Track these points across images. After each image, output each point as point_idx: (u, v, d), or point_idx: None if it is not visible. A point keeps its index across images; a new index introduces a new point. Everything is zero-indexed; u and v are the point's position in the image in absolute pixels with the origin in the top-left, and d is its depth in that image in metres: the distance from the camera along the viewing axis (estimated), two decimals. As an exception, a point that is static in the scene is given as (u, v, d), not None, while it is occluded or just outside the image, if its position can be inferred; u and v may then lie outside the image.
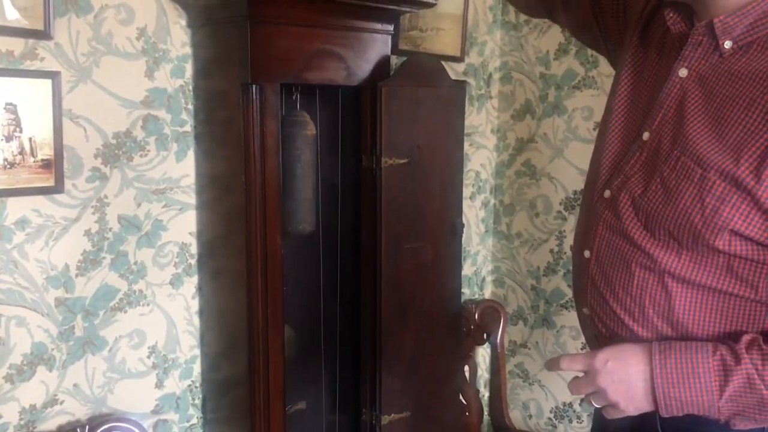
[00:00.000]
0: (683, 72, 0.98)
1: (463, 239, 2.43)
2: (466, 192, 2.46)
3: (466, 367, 2.33)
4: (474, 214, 2.51)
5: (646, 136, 1.01)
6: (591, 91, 2.26)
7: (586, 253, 1.08)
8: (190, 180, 1.71)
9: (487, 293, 2.60)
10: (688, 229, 0.90)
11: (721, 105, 0.91)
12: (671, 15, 1.00)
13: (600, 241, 1.04)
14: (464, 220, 2.45)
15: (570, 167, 2.34)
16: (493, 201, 2.57)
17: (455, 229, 1.95)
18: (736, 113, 0.89)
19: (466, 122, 2.39)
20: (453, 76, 2.31)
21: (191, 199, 1.72)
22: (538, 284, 2.46)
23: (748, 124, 0.87)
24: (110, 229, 1.59)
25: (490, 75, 2.47)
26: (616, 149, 1.08)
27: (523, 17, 2.40)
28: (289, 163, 1.68)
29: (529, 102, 2.42)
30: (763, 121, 0.86)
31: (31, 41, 1.42)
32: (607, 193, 1.05)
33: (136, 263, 1.65)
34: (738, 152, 0.86)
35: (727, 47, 0.93)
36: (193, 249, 1.74)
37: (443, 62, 2.27)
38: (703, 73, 0.95)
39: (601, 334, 1.06)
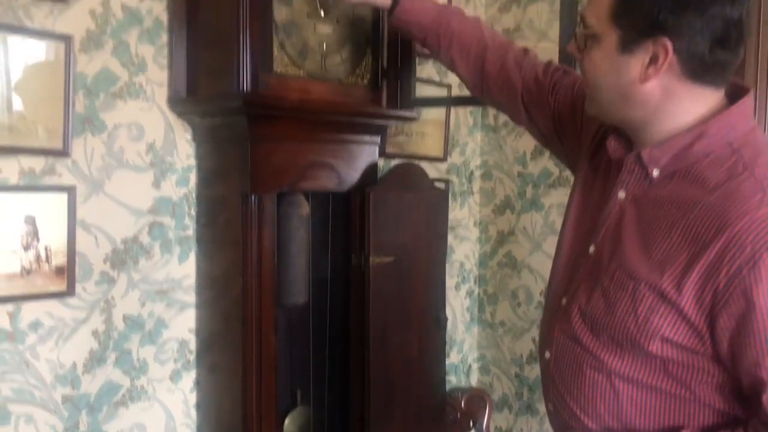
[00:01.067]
0: (621, 194, 1.10)
1: (449, 328, 2.54)
2: (451, 282, 2.58)
3: (454, 455, 2.40)
4: (459, 303, 2.63)
5: (591, 249, 1.13)
6: (565, 189, 2.42)
7: (547, 354, 1.19)
8: (191, 280, 1.83)
9: (474, 381, 2.69)
10: (625, 335, 1.02)
11: (650, 225, 1.04)
12: (612, 143, 1.13)
13: (557, 344, 1.16)
14: (450, 309, 2.57)
15: (548, 260, 2.43)
16: (477, 290, 2.69)
17: (439, 322, 2.07)
18: (661, 234, 1.01)
19: (450, 216, 2.55)
20: (437, 175, 2.49)
21: (191, 298, 1.83)
22: (521, 372, 2.55)
23: (670, 243, 0.99)
24: (116, 329, 1.70)
25: (472, 173, 2.64)
26: (568, 259, 1.21)
27: (501, 120, 2.59)
28: (284, 240, 1.80)
29: (509, 198, 2.59)
30: (682, 242, 0.97)
31: (51, 159, 1.57)
32: (563, 301, 1.17)
33: (138, 360, 1.75)
34: (662, 268, 0.98)
35: (655, 175, 1.05)
36: (192, 345, 1.85)
37: (428, 162, 2.45)
38: (637, 196, 1.08)
39: (565, 428, 1.17)
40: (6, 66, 1.48)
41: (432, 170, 2.47)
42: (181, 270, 1.81)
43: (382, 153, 2.27)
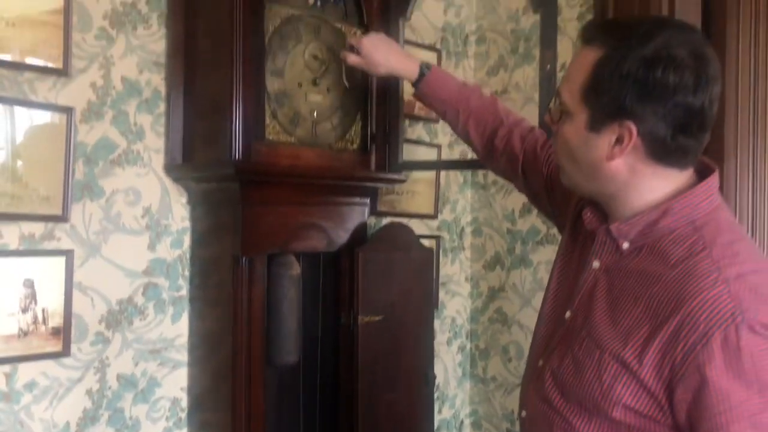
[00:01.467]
0: (596, 263, 1.15)
1: (441, 384, 2.57)
2: (443, 337, 2.62)
3: None
4: (451, 358, 2.66)
5: (567, 314, 1.18)
6: (552, 246, 2.48)
7: (523, 413, 1.24)
8: (184, 339, 1.88)
9: (466, 436, 2.71)
10: (591, 400, 1.06)
11: (618, 296, 1.08)
12: (588, 214, 1.19)
13: (531, 404, 1.20)
14: (441, 365, 2.61)
15: (537, 316, 2.51)
16: (469, 346, 2.73)
17: (427, 379, 2.11)
18: (627, 305, 1.05)
19: (442, 272, 2.61)
20: (428, 232, 2.55)
21: (184, 356, 1.88)
22: (513, 427, 2.57)
23: (635, 315, 1.03)
24: (109, 388, 1.75)
25: (463, 229, 2.71)
26: (548, 322, 1.25)
27: (491, 178, 2.66)
28: (275, 300, 1.85)
29: (499, 254, 2.64)
30: (644, 315, 1.02)
31: (50, 224, 1.64)
32: (540, 362, 1.22)
33: (131, 418, 1.79)
34: (626, 339, 1.03)
35: (625, 247, 1.10)
36: (184, 403, 1.89)
37: (419, 219, 2.52)
38: (609, 266, 1.13)
39: None
40: (11, 137, 1.57)
41: (423, 227, 2.54)
42: (174, 329, 1.86)
43: (374, 212, 2.34)
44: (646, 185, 1.08)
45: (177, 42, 1.81)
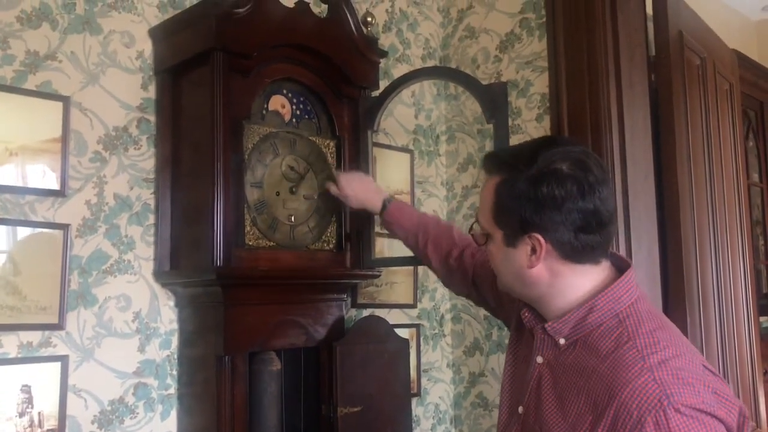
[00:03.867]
0: (539, 359, 1.26)
1: (425, 470, 2.64)
2: (427, 424, 2.71)
3: None
4: (436, 444, 2.74)
5: (520, 409, 1.27)
6: (526, 331, 2.60)
7: None
8: (172, 436, 1.99)
9: None
10: None
11: (563, 389, 1.18)
12: (526, 314, 1.30)
13: None
14: (426, 451, 2.68)
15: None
16: (453, 431, 2.80)
17: (408, 466, 2.19)
18: (572, 398, 1.15)
19: (424, 359, 2.72)
20: (408, 321, 2.68)
21: (172, 453, 1.98)
22: None
23: (579, 407, 1.13)
24: (101, 486, 1.84)
25: (443, 316, 2.83)
26: (506, 417, 1.36)
27: (466, 267, 2.80)
28: (257, 395, 1.95)
29: (478, 340, 2.76)
30: (586, 407, 1.12)
31: (47, 332, 1.78)
32: None
33: None
34: (575, 430, 1.12)
35: (562, 343, 1.21)
36: (173, 499, 1.97)
37: (399, 309, 2.65)
38: (551, 361, 1.24)
39: None
40: (12, 255, 1.73)
41: (403, 317, 2.67)
42: (163, 427, 1.97)
43: (354, 304, 2.49)
44: (568, 283, 1.20)
45: (165, 159, 2.00)
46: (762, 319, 3.60)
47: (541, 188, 1.14)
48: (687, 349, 1.15)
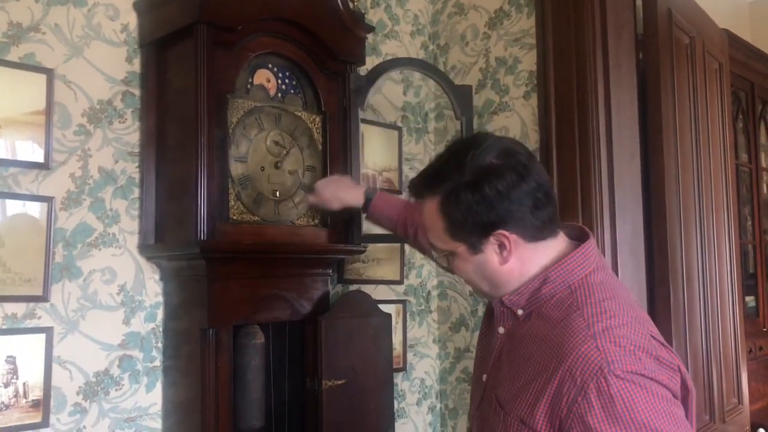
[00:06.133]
0: (501, 329, 1.28)
1: (410, 444, 2.67)
2: (413, 398, 2.74)
3: None
4: (421, 419, 2.77)
5: (484, 377, 1.31)
6: (511, 307, 2.62)
7: None
8: (158, 407, 2.01)
9: (439, 494, 2.79)
10: None
11: (515, 358, 1.22)
12: None
13: None
14: (412, 425, 2.72)
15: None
16: (438, 406, 2.84)
17: (390, 439, 2.22)
18: (522, 365, 1.18)
19: (409, 335, 2.75)
20: (394, 297, 2.70)
21: (158, 424, 2.00)
22: (481, 484, 2.66)
23: (528, 374, 1.16)
24: (86, 456, 1.87)
25: (429, 293, 2.85)
26: (474, 386, 1.39)
27: (453, 244, 2.82)
28: (241, 367, 1.98)
29: (463, 316, 2.78)
30: (535, 373, 1.15)
31: (31, 304, 1.79)
32: (473, 423, 1.35)
33: (107, 485, 1.90)
34: (522, 396, 1.15)
35: (519, 314, 1.24)
36: (158, 469, 2.00)
37: (385, 285, 2.67)
38: (511, 331, 1.26)
39: None
40: (-5, 226, 1.73)
41: (390, 293, 2.69)
42: (148, 398, 1.99)
43: (341, 280, 2.51)
44: (533, 263, 1.22)
45: (149, 133, 2.01)
46: (748, 298, 3.63)
47: (484, 189, 1.16)
48: (633, 318, 1.17)
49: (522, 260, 1.22)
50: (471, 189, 1.16)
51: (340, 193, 1.96)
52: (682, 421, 1.09)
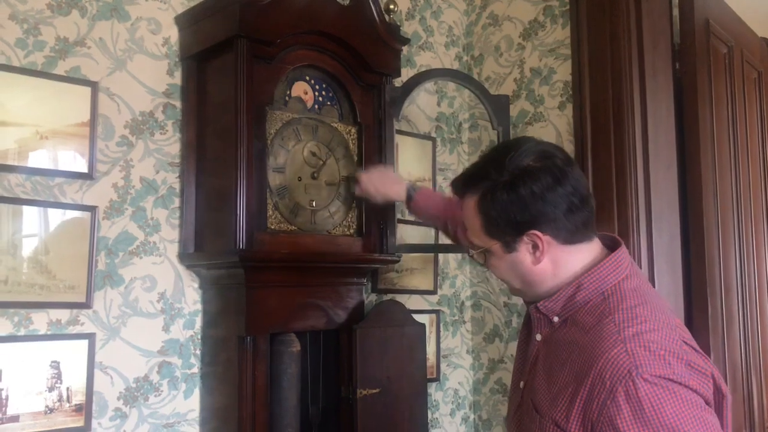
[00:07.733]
0: (538, 336, 1.31)
1: (444, 454, 2.67)
2: (446, 409, 2.74)
3: None
4: (455, 429, 2.77)
5: (521, 384, 1.33)
6: (546, 318, 2.61)
7: None
8: (195, 414, 2.04)
9: (472, 505, 2.78)
10: None
11: (552, 364, 1.23)
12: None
13: None
14: (445, 436, 2.71)
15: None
16: (472, 416, 2.83)
17: (425, 449, 2.22)
18: (557, 371, 1.20)
19: (443, 345, 2.75)
20: (428, 307, 2.70)
21: (195, 430, 2.03)
22: (516, 496, 2.64)
23: (563, 379, 1.18)
24: (126, 460, 1.90)
25: (463, 303, 2.85)
26: (512, 393, 1.41)
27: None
28: (277, 375, 2.00)
29: (497, 327, 2.78)
30: (569, 378, 1.16)
31: (75, 311, 1.83)
32: (512, 427, 1.36)
33: (146, 489, 1.93)
34: (557, 401, 1.17)
35: (555, 320, 1.26)
36: (196, 475, 2.03)
37: (419, 295, 2.68)
38: (547, 338, 1.28)
39: None
40: (43, 235, 1.78)
41: (423, 303, 2.69)
42: (186, 405, 2.02)
43: (375, 289, 2.52)
44: (567, 267, 1.24)
45: (190, 144, 2.05)
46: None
47: (520, 189, 1.19)
48: (665, 324, 1.17)
49: (555, 262, 1.24)
50: (507, 189, 1.19)
51: (384, 188, 2.00)
52: (714, 427, 1.09)
